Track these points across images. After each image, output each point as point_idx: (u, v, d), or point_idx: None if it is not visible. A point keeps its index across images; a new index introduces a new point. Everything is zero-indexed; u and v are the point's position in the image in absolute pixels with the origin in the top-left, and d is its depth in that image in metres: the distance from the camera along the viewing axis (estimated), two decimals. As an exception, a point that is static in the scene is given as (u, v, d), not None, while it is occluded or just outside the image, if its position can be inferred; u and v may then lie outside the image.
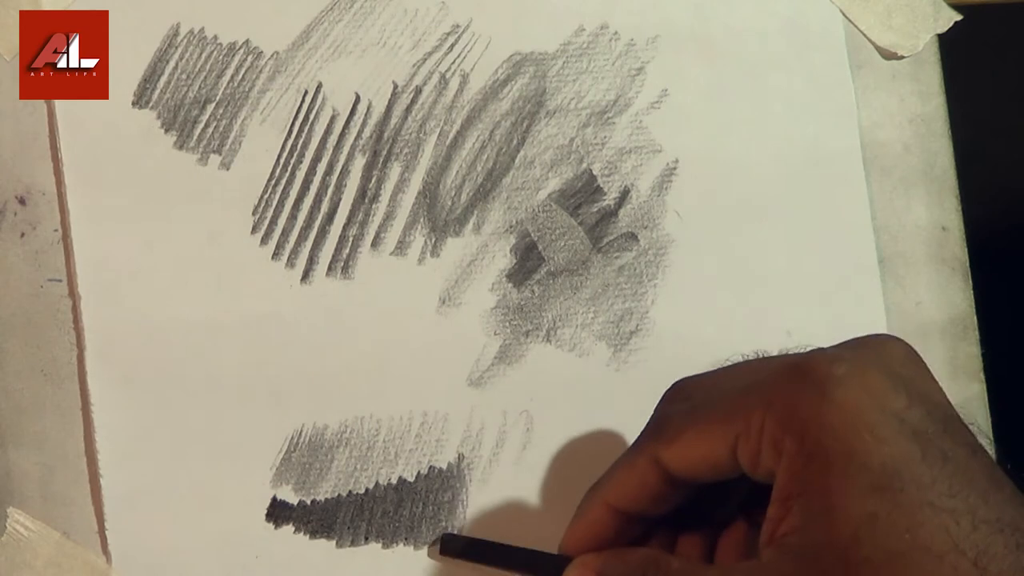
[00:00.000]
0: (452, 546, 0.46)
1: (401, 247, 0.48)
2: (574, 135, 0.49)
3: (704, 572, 0.37)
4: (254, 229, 0.48)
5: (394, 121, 0.49)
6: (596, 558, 0.40)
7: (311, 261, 0.48)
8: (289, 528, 0.47)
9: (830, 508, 0.33)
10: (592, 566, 0.40)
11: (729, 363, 0.41)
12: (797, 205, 0.50)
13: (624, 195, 0.49)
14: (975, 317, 0.51)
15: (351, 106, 0.49)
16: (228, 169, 0.48)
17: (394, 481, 0.47)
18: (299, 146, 0.48)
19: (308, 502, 0.47)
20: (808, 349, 0.37)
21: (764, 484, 0.36)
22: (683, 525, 0.41)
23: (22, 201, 0.47)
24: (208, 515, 0.46)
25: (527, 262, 0.49)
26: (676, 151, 0.50)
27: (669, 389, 0.41)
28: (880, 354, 0.36)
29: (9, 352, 0.47)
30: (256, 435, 0.47)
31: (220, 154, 0.48)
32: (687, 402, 0.39)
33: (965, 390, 0.50)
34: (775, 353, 0.48)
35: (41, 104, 0.47)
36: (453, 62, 0.49)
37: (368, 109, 0.49)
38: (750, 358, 0.42)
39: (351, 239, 0.48)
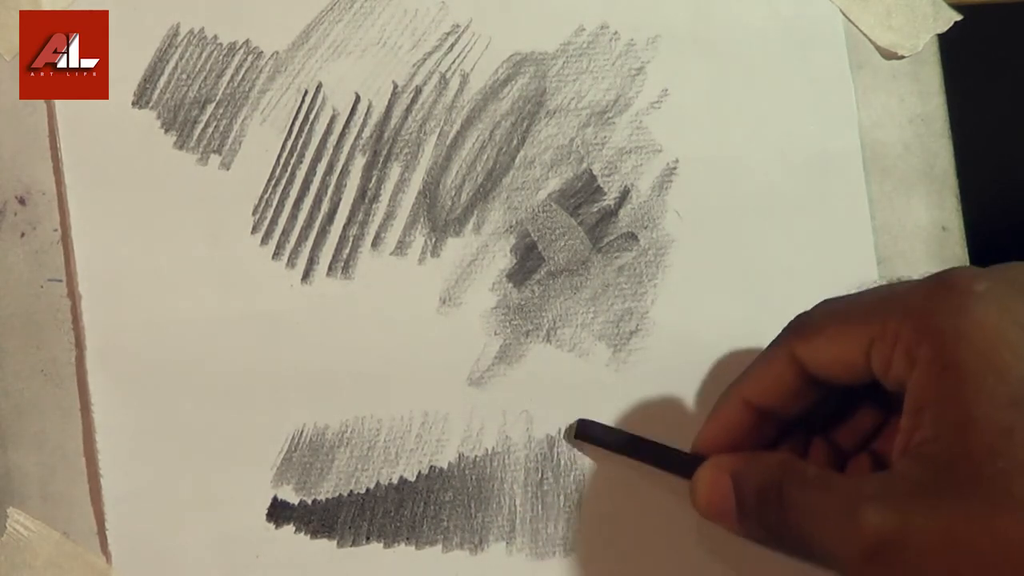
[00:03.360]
0: (588, 432, 0.46)
1: (401, 247, 0.48)
2: (574, 135, 0.49)
3: (839, 480, 0.37)
4: (254, 229, 0.48)
5: (394, 121, 0.49)
6: (731, 459, 0.40)
7: (311, 261, 0.48)
8: (290, 528, 0.47)
9: (966, 419, 0.34)
10: (727, 467, 0.40)
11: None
12: (797, 205, 0.50)
13: (624, 195, 0.49)
14: (975, 317, 0.51)
15: (351, 106, 0.49)
16: (228, 169, 0.48)
17: (395, 481, 0.47)
18: (299, 146, 0.48)
19: (309, 502, 0.47)
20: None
21: (891, 391, 0.37)
22: (814, 433, 0.42)
23: (22, 201, 0.47)
24: (208, 515, 0.46)
25: (527, 262, 0.49)
26: (676, 151, 0.50)
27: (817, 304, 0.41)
28: (1020, 277, 0.36)
29: (9, 352, 0.47)
30: (257, 435, 0.47)
31: (220, 154, 0.48)
32: (828, 304, 0.40)
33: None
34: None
35: (41, 104, 0.47)
36: (453, 62, 0.49)
37: (368, 109, 0.49)
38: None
39: (351, 239, 0.48)
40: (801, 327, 0.40)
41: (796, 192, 0.50)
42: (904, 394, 0.36)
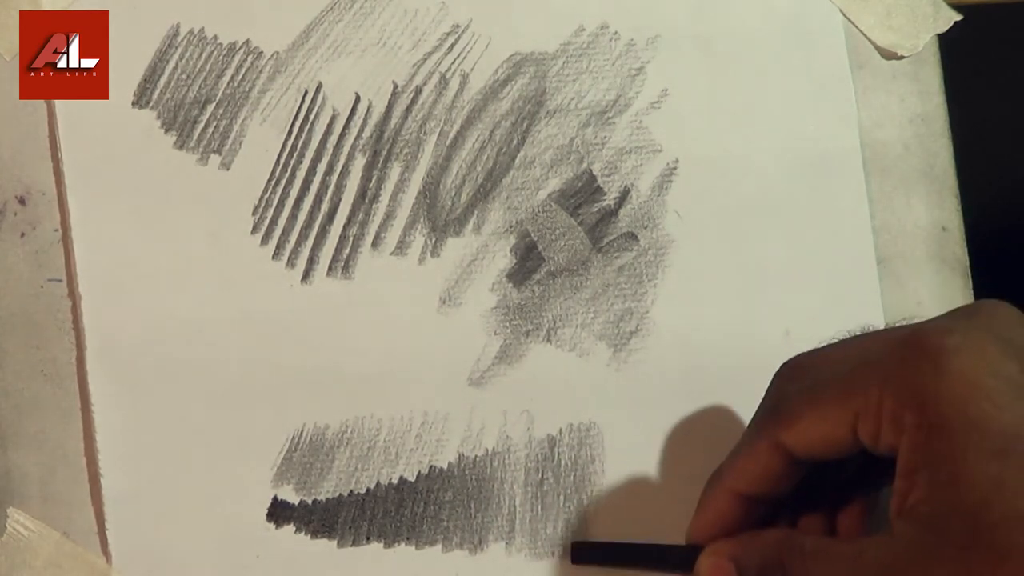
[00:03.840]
0: (582, 553, 0.47)
1: (401, 247, 0.48)
2: (574, 135, 0.49)
3: (838, 548, 0.38)
4: (254, 229, 0.48)
5: (394, 121, 0.49)
6: (728, 544, 0.41)
7: (311, 261, 0.48)
8: (290, 528, 0.47)
9: (956, 476, 0.34)
10: (725, 552, 0.40)
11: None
12: (797, 205, 0.50)
13: (624, 195, 0.49)
14: (975, 317, 0.51)
15: (351, 106, 0.49)
16: (228, 169, 0.48)
17: (395, 481, 0.47)
18: (299, 146, 0.48)
19: (309, 502, 0.47)
20: (917, 321, 0.39)
21: (880, 457, 0.37)
22: (802, 503, 0.42)
23: (22, 201, 0.47)
24: (209, 515, 0.46)
25: (527, 262, 0.49)
26: (676, 151, 0.50)
27: (781, 369, 0.41)
28: (991, 321, 0.36)
29: (9, 352, 0.47)
30: (257, 435, 0.47)
31: (220, 154, 0.48)
32: (801, 381, 0.40)
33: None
34: (775, 352, 0.48)
35: (41, 104, 0.47)
36: (453, 62, 0.49)
37: (368, 109, 0.49)
38: (857, 333, 0.44)
39: (351, 239, 0.48)
40: (780, 413, 0.39)
41: (796, 192, 0.50)
42: (896, 458, 0.36)
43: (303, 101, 0.48)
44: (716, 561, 0.40)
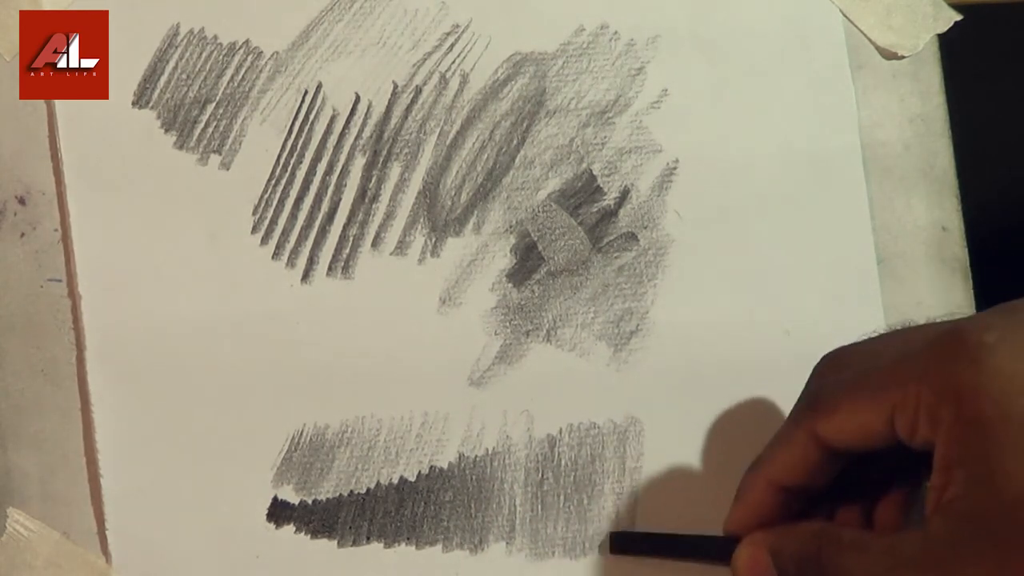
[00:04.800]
0: (622, 543, 0.47)
1: (401, 247, 0.48)
2: (574, 135, 0.49)
3: (875, 542, 0.38)
4: (254, 229, 0.48)
5: (394, 121, 0.49)
6: (767, 535, 0.41)
7: (311, 261, 0.48)
8: (290, 528, 0.47)
9: (992, 472, 0.34)
10: (763, 543, 0.41)
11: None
12: (797, 205, 0.50)
13: (624, 195, 0.49)
14: (975, 317, 0.51)
15: (351, 106, 0.49)
16: (228, 169, 0.48)
17: (395, 481, 0.47)
18: (299, 146, 0.48)
19: (309, 502, 0.47)
20: (957, 317, 0.39)
21: (918, 452, 0.37)
22: (839, 497, 0.42)
23: (22, 201, 0.47)
24: (209, 515, 0.46)
25: (527, 262, 0.49)
26: (676, 151, 0.50)
27: (821, 361, 0.42)
28: None
29: (9, 352, 0.47)
30: (257, 435, 0.47)
31: (220, 154, 0.48)
32: (840, 373, 0.40)
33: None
34: (775, 352, 0.48)
35: (41, 104, 0.47)
36: (453, 62, 0.49)
37: (368, 109, 0.49)
38: (898, 328, 0.44)
39: (351, 239, 0.48)
40: (818, 403, 0.40)
41: (796, 192, 0.50)
42: (932, 452, 0.36)
43: (303, 101, 0.48)
44: (753, 552, 0.40)
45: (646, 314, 0.49)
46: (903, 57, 0.51)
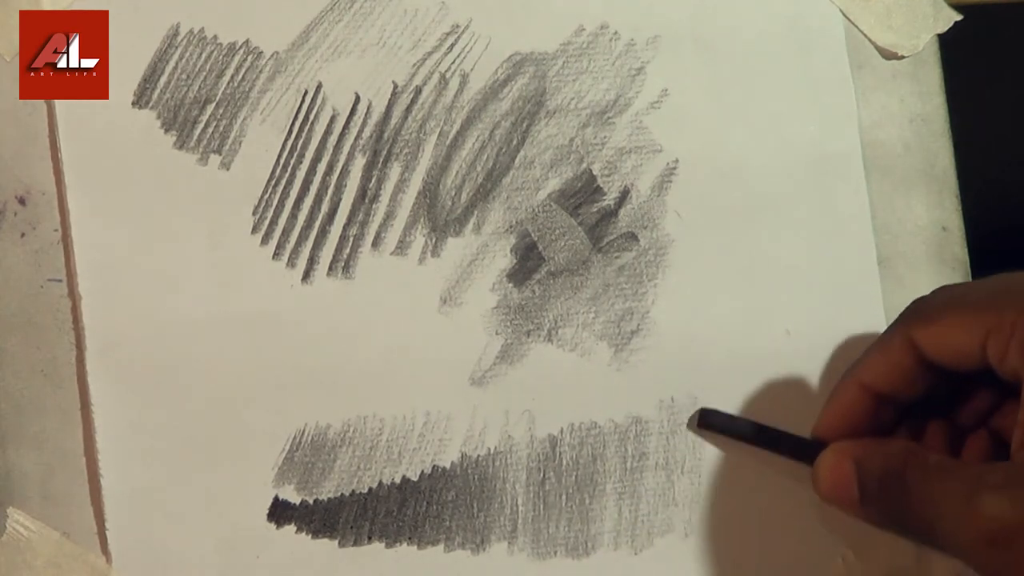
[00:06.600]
0: (710, 420, 0.47)
1: (402, 247, 0.48)
2: (574, 135, 0.49)
3: (960, 468, 0.38)
4: (254, 229, 0.48)
5: (394, 121, 0.49)
6: (854, 446, 0.41)
7: (311, 261, 0.48)
8: (291, 528, 0.47)
9: None
10: (849, 453, 0.41)
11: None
12: (797, 205, 0.50)
13: (624, 195, 0.49)
14: (975, 317, 0.51)
15: (351, 106, 0.49)
16: (228, 169, 0.48)
17: (397, 480, 0.47)
18: (299, 146, 0.48)
19: (310, 502, 0.47)
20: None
21: (1006, 382, 0.38)
22: (928, 422, 0.43)
23: (22, 201, 0.47)
24: (209, 515, 0.46)
25: (527, 262, 0.49)
26: (676, 151, 0.50)
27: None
28: None
29: (9, 352, 0.46)
30: (258, 435, 0.47)
31: (220, 154, 0.48)
32: (946, 293, 0.41)
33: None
34: (775, 352, 0.48)
35: (41, 104, 0.47)
36: (453, 62, 0.49)
37: (368, 109, 0.49)
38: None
39: (351, 239, 0.48)
40: (920, 312, 0.41)
41: (796, 192, 0.50)
42: (1020, 384, 0.37)
43: (303, 101, 0.48)
44: (838, 460, 0.41)
45: (647, 314, 0.49)
46: (903, 57, 0.51)
